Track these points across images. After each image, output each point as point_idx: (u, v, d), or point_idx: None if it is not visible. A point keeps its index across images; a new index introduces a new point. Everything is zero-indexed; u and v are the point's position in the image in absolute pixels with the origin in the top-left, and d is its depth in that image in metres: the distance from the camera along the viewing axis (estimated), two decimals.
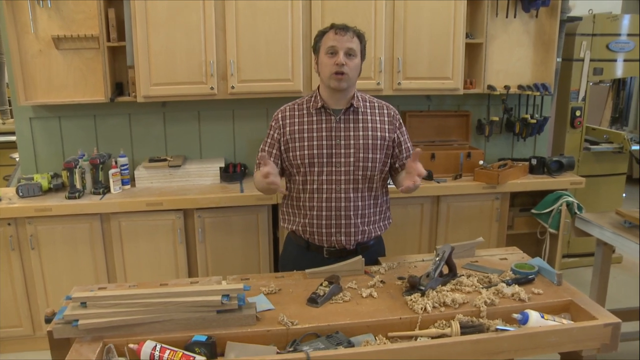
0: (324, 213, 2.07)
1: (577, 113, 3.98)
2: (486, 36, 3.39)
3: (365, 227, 2.11)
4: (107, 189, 3.09)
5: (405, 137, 2.17)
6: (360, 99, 2.11)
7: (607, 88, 5.04)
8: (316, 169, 2.05)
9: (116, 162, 3.15)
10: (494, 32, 3.44)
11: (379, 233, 2.18)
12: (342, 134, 2.05)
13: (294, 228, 2.16)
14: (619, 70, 4.00)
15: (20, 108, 3.22)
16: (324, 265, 2.01)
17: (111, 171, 3.08)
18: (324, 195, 2.06)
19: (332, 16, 3.07)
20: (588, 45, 3.88)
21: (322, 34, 2.06)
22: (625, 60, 3.96)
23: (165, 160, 3.30)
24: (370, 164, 2.06)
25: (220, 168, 3.30)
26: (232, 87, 3.09)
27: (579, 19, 3.85)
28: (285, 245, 2.30)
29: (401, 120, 2.19)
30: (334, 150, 2.04)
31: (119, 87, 3.25)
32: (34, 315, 3.01)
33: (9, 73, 3.13)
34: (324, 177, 2.06)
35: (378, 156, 2.08)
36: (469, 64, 3.53)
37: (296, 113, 2.11)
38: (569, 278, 3.91)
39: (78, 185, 3.03)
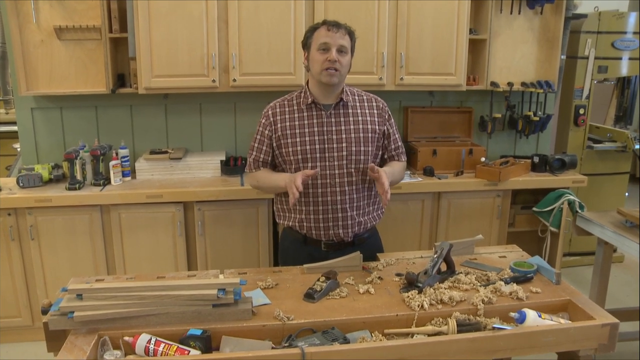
0: (320, 208, 2.07)
1: (581, 111, 3.96)
2: (490, 32, 3.37)
3: (362, 219, 2.13)
4: (107, 181, 3.08)
5: (394, 129, 2.20)
6: (349, 93, 2.12)
7: (612, 86, 5.01)
8: (310, 164, 2.06)
9: (117, 154, 3.15)
10: (498, 28, 3.42)
11: (374, 223, 2.21)
12: (334, 128, 2.07)
13: (290, 224, 2.16)
14: (624, 68, 3.97)
15: (22, 98, 3.21)
16: (323, 257, 2.03)
17: (112, 163, 3.08)
18: (319, 190, 2.07)
19: (335, 9, 3.06)
20: (593, 42, 3.84)
21: (313, 29, 2.06)
22: (630, 59, 3.92)
23: (166, 152, 3.29)
24: (362, 157, 2.08)
25: (221, 161, 3.29)
26: (234, 80, 3.08)
27: (584, 16, 3.82)
28: (282, 240, 2.30)
29: (390, 113, 2.20)
30: (326, 145, 2.06)
31: (121, 79, 3.24)
32: (33, 306, 3.01)
33: (11, 63, 3.12)
34: (318, 172, 2.06)
35: (370, 149, 2.10)
36: (472, 60, 3.51)
37: (287, 109, 2.11)
38: (569, 277, 3.95)
39: (78, 177, 3.03)
